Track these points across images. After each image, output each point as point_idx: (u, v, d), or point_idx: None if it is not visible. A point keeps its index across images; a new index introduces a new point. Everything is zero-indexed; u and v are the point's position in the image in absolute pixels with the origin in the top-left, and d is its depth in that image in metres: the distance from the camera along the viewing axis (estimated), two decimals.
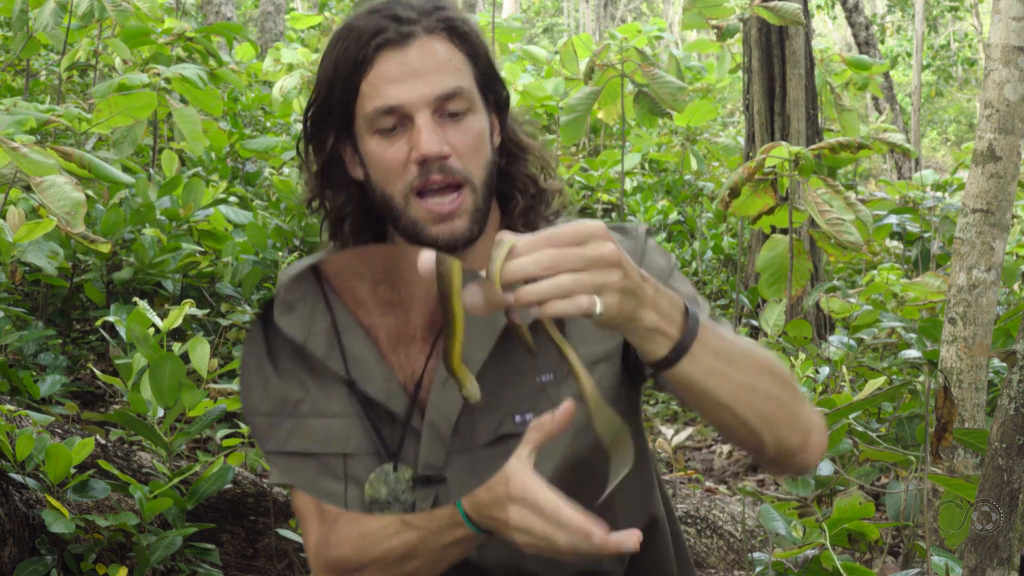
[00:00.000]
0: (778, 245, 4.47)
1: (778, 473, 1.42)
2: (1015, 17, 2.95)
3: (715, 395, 1.25)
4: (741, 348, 1.30)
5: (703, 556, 3.54)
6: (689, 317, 1.21)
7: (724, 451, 4.91)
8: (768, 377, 1.31)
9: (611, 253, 1.10)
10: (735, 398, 1.27)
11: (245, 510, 2.98)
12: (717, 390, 1.25)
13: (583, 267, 1.08)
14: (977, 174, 2.95)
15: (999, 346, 3.17)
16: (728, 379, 1.26)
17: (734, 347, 1.29)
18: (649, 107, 5.67)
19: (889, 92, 11.37)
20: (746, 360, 1.29)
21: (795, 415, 1.33)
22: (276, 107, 7.10)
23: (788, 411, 1.32)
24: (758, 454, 1.36)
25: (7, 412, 2.57)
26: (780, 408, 1.31)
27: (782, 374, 1.34)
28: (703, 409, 1.29)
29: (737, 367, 1.27)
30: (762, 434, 1.31)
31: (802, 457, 1.36)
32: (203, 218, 4.33)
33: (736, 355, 1.28)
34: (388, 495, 1.30)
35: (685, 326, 1.21)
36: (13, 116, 2.98)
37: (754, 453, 1.36)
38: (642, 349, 1.20)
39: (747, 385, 1.27)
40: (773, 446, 1.33)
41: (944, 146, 22.64)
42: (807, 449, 1.36)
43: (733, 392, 1.26)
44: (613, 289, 1.10)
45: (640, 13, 27.34)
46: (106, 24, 5.57)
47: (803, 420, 1.35)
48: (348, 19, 1.44)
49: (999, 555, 1.77)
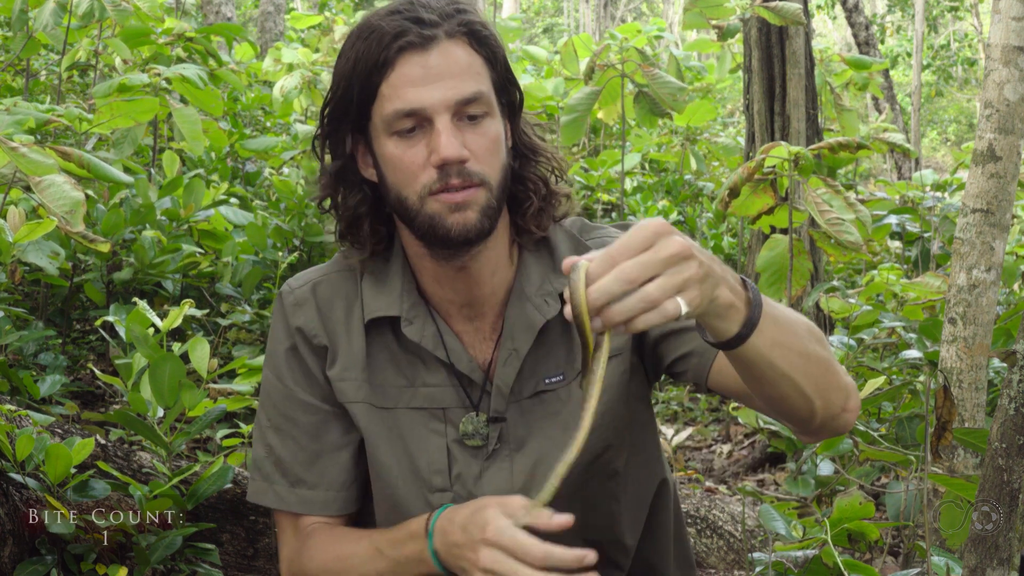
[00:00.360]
0: (778, 245, 4.46)
1: (817, 438, 1.47)
2: (1015, 17, 2.95)
3: (779, 366, 1.29)
4: (789, 315, 1.34)
5: (703, 556, 3.54)
6: (749, 289, 1.25)
7: (724, 451, 4.91)
8: (816, 342, 1.35)
9: (681, 247, 1.13)
10: (794, 367, 1.30)
11: (245, 510, 2.98)
12: (781, 360, 1.29)
13: (661, 270, 1.12)
14: (977, 174, 2.95)
15: (999, 346, 3.17)
16: (788, 348, 1.29)
17: (786, 315, 1.32)
18: (649, 107, 5.67)
19: (889, 92, 11.37)
20: (797, 327, 1.33)
21: (838, 376, 1.38)
22: (276, 107, 7.09)
23: (833, 373, 1.37)
24: (806, 422, 1.39)
25: (7, 412, 2.57)
26: (828, 372, 1.36)
27: (820, 336, 1.38)
28: (764, 382, 1.32)
29: (794, 335, 1.31)
30: (814, 400, 1.35)
31: (844, 417, 1.41)
32: (203, 218, 4.33)
33: (790, 323, 1.32)
34: (473, 430, 1.52)
35: (749, 299, 1.24)
36: (13, 116, 2.98)
37: (802, 422, 1.39)
38: (715, 329, 1.23)
39: (802, 352, 1.31)
40: (822, 410, 1.37)
41: (944, 146, 22.64)
42: (848, 409, 1.40)
43: (792, 361, 1.30)
44: (694, 282, 1.14)
45: (640, 13, 27.33)
46: (106, 24, 5.56)
47: (843, 380, 1.40)
48: (368, 18, 1.45)
49: (999, 555, 1.77)
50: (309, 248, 4.67)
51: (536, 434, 1.50)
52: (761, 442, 4.62)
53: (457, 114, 1.42)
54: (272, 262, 4.44)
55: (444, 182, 1.42)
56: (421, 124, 1.42)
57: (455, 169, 1.41)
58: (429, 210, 1.43)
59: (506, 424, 1.50)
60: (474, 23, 1.46)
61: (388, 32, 1.41)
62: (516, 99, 1.53)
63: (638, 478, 1.61)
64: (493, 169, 1.45)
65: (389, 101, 1.42)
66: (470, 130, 1.43)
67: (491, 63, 1.47)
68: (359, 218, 1.53)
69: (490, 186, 1.44)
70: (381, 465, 1.53)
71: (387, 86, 1.42)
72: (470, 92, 1.42)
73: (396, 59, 1.41)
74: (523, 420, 1.50)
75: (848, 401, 1.40)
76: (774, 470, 4.51)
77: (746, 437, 5.05)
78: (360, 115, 1.46)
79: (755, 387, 1.34)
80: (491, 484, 1.49)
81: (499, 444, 1.50)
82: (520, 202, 1.54)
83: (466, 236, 1.44)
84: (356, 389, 1.53)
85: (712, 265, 1.18)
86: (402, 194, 1.45)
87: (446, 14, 1.44)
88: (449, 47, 1.43)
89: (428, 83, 1.41)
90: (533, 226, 1.54)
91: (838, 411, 1.39)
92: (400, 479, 1.52)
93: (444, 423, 1.51)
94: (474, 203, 1.43)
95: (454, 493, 1.49)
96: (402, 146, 1.43)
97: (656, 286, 1.11)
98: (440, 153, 1.40)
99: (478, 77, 1.44)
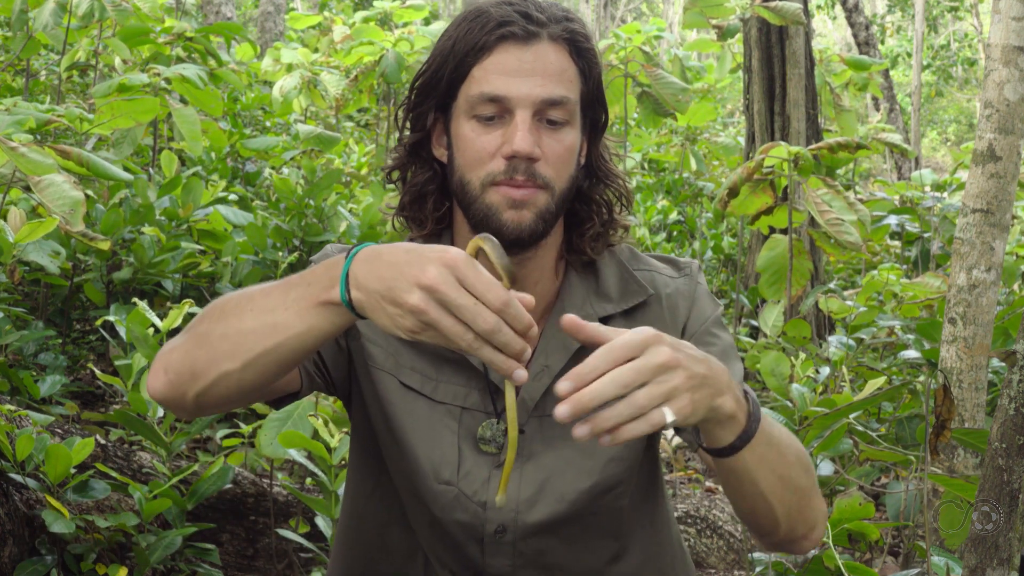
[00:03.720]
0: (778, 245, 4.46)
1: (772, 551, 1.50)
2: (1015, 17, 2.95)
3: (760, 485, 1.31)
4: (782, 437, 1.34)
5: (703, 556, 3.54)
6: (751, 402, 1.26)
7: None
8: (801, 469, 1.37)
9: (670, 356, 1.14)
10: (772, 490, 1.33)
11: (245, 510, 2.98)
12: (763, 480, 1.31)
13: (650, 378, 1.13)
14: (977, 174, 2.95)
15: (999, 346, 3.17)
16: (772, 470, 1.31)
17: (780, 437, 1.33)
18: (653, 108, 5.68)
19: (889, 92, 11.38)
20: (788, 451, 1.35)
21: (811, 508, 1.40)
22: (276, 107, 7.10)
23: (807, 504, 1.39)
24: (766, 536, 1.42)
25: (7, 412, 2.57)
26: (802, 500, 1.38)
27: (809, 465, 1.40)
28: (740, 495, 1.34)
29: (781, 458, 1.32)
30: (780, 522, 1.37)
31: (803, 544, 1.43)
32: (203, 218, 4.33)
33: (782, 445, 1.33)
34: (490, 436, 1.49)
35: (749, 412, 1.26)
36: (13, 116, 2.98)
37: (762, 535, 1.42)
38: (713, 435, 1.25)
39: (785, 477, 1.33)
40: (785, 533, 1.40)
41: (944, 146, 22.65)
42: (809, 539, 1.43)
43: (773, 484, 1.32)
44: (682, 391, 1.14)
45: (640, 13, 27.33)
46: (106, 24, 5.57)
47: (814, 513, 1.41)
48: (481, 3, 1.48)
49: (999, 555, 1.77)
50: (309, 248, 4.67)
51: (550, 451, 1.49)
52: None
53: (539, 114, 1.44)
54: (272, 262, 4.44)
55: (510, 175, 1.43)
56: (502, 114, 1.44)
57: (523, 166, 1.43)
58: (488, 200, 1.45)
59: (524, 437, 1.50)
60: (578, 33, 1.48)
61: (494, 18, 1.45)
62: (601, 119, 1.55)
63: (642, 523, 1.60)
64: (560, 177, 1.46)
65: (477, 83, 1.44)
66: (548, 133, 1.45)
67: (585, 77, 1.49)
68: (424, 196, 1.54)
69: (553, 192, 1.45)
70: (403, 432, 1.50)
71: (480, 69, 1.44)
72: (557, 95, 1.44)
73: (495, 45, 1.44)
74: (541, 435, 1.49)
75: (812, 532, 1.42)
76: None
77: None
78: (448, 93, 1.48)
79: (729, 493, 1.37)
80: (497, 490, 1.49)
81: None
82: (581, 221, 1.55)
83: (519, 235, 1.44)
84: (385, 358, 1.51)
85: (711, 375, 1.18)
86: (466, 177, 1.46)
87: (554, 17, 1.47)
88: (548, 48, 1.45)
89: (519, 76, 1.43)
90: (588, 248, 1.55)
91: (799, 537, 1.41)
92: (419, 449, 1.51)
93: (458, 423, 1.49)
94: (532, 204, 1.44)
95: (459, 490, 1.48)
96: (479, 130, 1.45)
97: (645, 393, 1.12)
98: (513, 145, 1.42)
99: (569, 84, 1.46)
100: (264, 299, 1.29)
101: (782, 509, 1.35)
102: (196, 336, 1.34)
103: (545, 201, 1.45)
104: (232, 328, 1.29)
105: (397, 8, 8.14)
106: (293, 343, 1.26)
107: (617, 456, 1.49)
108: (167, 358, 1.36)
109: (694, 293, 1.57)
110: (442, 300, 1.13)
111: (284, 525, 2.94)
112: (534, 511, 1.47)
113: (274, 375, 1.32)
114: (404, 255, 1.17)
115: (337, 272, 1.22)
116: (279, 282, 1.30)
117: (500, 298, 1.13)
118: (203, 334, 1.33)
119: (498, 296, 1.13)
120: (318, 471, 2.64)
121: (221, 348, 1.30)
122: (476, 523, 1.48)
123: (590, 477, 1.47)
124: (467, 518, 1.48)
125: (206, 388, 1.32)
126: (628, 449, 1.51)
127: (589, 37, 1.50)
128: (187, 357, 1.33)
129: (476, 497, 1.48)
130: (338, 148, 6.29)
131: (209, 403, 1.35)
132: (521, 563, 1.49)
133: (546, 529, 1.48)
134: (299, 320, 1.25)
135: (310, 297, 1.24)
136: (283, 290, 1.27)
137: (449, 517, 1.48)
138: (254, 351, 1.28)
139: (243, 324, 1.28)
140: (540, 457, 1.49)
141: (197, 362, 1.32)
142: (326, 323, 1.25)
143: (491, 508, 1.47)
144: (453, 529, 1.49)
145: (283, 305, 1.26)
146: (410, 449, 1.50)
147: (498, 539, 1.48)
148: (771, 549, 1.47)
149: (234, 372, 1.30)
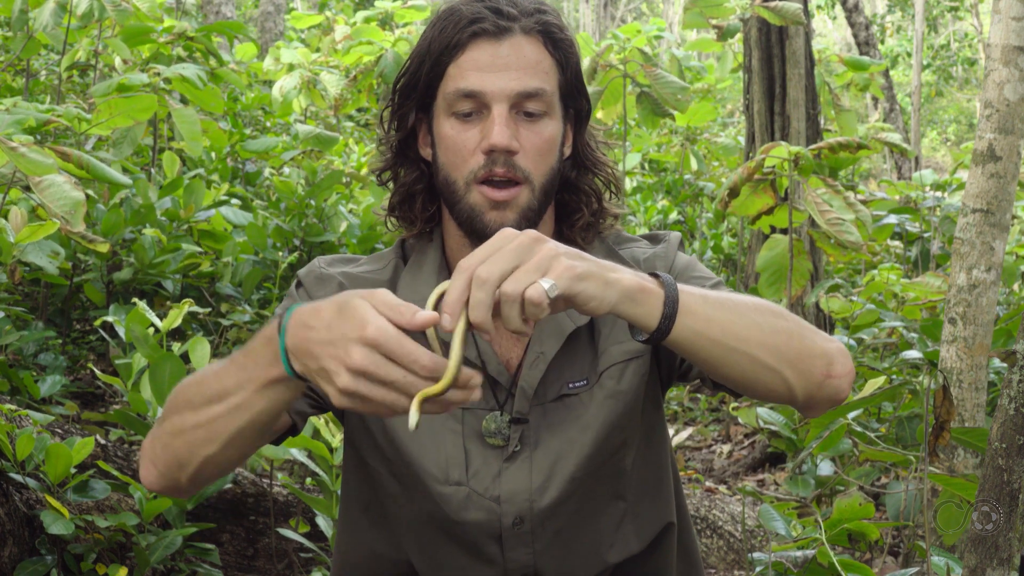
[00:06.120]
0: (778, 245, 4.46)
1: (817, 412, 1.42)
2: (1015, 17, 2.95)
3: (724, 341, 1.29)
4: (733, 297, 1.34)
5: (703, 556, 3.54)
6: (660, 277, 1.26)
7: (724, 451, 4.92)
8: (770, 315, 1.34)
9: (529, 236, 1.18)
10: (743, 339, 1.30)
11: (245, 510, 2.98)
12: (724, 336, 1.29)
13: (513, 262, 1.17)
14: (977, 174, 2.95)
15: (999, 346, 3.17)
16: (730, 322, 1.29)
17: (726, 296, 1.33)
18: (652, 108, 5.67)
19: (889, 92, 11.38)
20: (741, 304, 1.33)
21: (810, 343, 1.36)
22: (276, 107, 7.09)
23: (801, 341, 1.35)
24: (789, 397, 1.37)
25: (7, 412, 2.57)
26: (791, 339, 1.34)
27: (782, 311, 1.36)
28: (717, 361, 1.31)
29: (735, 311, 1.31)
30: (783, 371, 1.33)
31: (831, 384, 1.37)
32: (203, 219, 4.33)
33: (730, 302, 1.32)
34: (496, 429, 1.50)
35: (662, 282, 1.26)
36: (13, 116, 2.98)
37: (785, 397, 1.37)
38: (638, 317, 1.24)
39: (751, 323, 1.31)
40: (799, 382, 1.34)
41: (944, 146, 22.65)
42: (833, 374, 1.37)
43: (739, 333, 1.30)
44: (551, 259, 1.18)
45: (640, 13, 27.34)
46: (106, 24, 5.57)
47: (819, 346, 1.37)
48: (453, 3, 1.50)
49: (999, 555, 1.77)
50: (309, 248, 4.67)
51: (554, 436, 1.51)
52: (761, 442, 4.62)
53: (515, 107, 1.46)
54: (272, 262, 4.44)
55: (489, 169, 1.44)
56: (479, 110, 1.46)
57: (502, 159, 1.45)
58: (471, 200, 1.47)
59: (528, 426, 1.50)
60: (551, 24, 1.50)
61: (466, 16, 1.46)
62: (583, 108, 1.56)
63: (645, 478, 1.61)
64: (540, 170, 1.48)
65: (453, 81, 1.46)
66: (525, 126, 1.47)
67: (562, 67, 1.50)
68: (413, 195, 1.56)
69: (533, 186, 1.47)
70: (401, 442, 1.50)
71: (455, 67, 1.46)
72: (532, 87, 1.45)
73: (468, 43, 1.46)
74: (545, 422, 1.51)
75: (831, 367, 1.36)
76: (774, 470, 4.52)
77: (746, 437, 5.05)
78: (427, 93, 1.50)
79: (713, 368, 1.33)
80: (510, 483, 1.49)
81: (519, 446, 1.50)
82: (571, 212, 1.57)
83: None
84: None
85: (589, 256, 1.21)
86: (451, 176, 1.48)
87: (526, 11, 1.49)
88: (522, 41, 1.47)
89: (493, 71, 1.45)
90: (579, 239, 1.56)
91: (820, 378, 1.36)
92: (425, 455, 1.51)
93: (461, 423, 1.50)
94: (515, 204, 1.46)
95: (470, 488, 1.48)
96: (458, 127, 1.47)
97: (511, 279, 1.16)
98: (490, 139, 1.43)
99: (544, 76, 1.48)
100: (219, 384, 1.31)
101: (772, 355, 1.31)
102: (171, 430, 1.37)
103: (527, 198, 1.47)
104: (202, 416, 1.33)
105: (398, 8, 8.14)
106: (263, 416, 1.30)
107: (616, 424, 1.50)
108: (152, 452, 1.40)
109: (669, 254, 1.58)
110: (372, 378, 1.13)
111: (284, 525, 2.94)
112: (546, 495, 1.48)
113: (257, 442, 1.37)
114: (327, 333, 1.16)
115: (276, 347, 1.24)
116: (228, 361, 1.32)
117: (427, 367, 1.12)
118: (177, 426, 1.36)
119: (425, 366, 1.12)
120: (319, 471, 2.64)
121: (197, 436, 1.34)
122: (492, 519, 1.48)
123: (592, 447, 1.49)
124: (482, 516, 1.48)
125: (195, 472, 1.37)
126: (625, 416, 1.52)
127: (564, 28, 1.51)
128: (168, 450, 1.38)
129: (488, 493, 1.48)
130: (338, 148, 6.30)
131: (204, 480, 1.40)
132: (541, 549, 1.49)
133: (559, 508, 1.49)
134: (259, 398, 1.28)
135: (259, 377, 1.26)
136: (235, 371, 1.30)
137: (464, 518, 1.48)
138: (228, 432, 1.31)
139: (210, 411, 1.32)
140: (547, 443, 1.50)
141: (179, 453, 1.36)
142: (285, 394, 1.27)
143: (505, 502, 1.47)
144: (470, 532, 1.49)
145: (238, 386, 1.29)
146: (415, 457, 1.50)
147: (516, 531, 1.48)
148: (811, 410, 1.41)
149: (217, 454, 1.34)
